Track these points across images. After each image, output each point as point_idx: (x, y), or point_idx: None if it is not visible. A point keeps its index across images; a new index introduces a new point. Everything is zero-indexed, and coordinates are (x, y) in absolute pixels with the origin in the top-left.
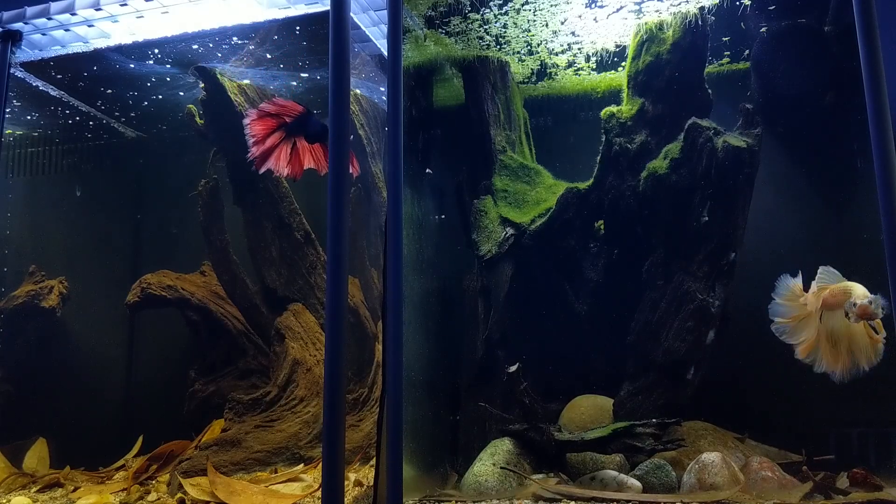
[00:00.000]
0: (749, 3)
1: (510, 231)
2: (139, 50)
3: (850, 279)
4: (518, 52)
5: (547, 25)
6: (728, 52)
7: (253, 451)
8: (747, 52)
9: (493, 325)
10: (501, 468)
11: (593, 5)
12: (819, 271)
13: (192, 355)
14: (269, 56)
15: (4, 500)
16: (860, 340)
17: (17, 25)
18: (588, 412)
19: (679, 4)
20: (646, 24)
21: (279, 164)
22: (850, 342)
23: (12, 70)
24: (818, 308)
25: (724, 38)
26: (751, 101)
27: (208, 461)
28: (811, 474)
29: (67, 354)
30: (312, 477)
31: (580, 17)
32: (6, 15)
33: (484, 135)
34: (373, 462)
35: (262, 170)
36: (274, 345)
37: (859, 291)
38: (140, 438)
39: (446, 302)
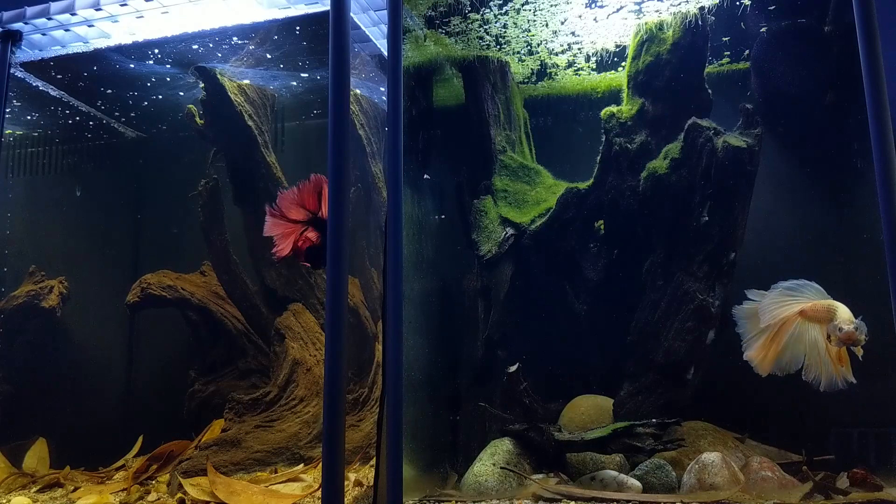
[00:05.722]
0: (749, 3)
1: (510, 231)
2: (139, 50)
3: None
4: (518, 52)
5: (547, 25)
6: (728, 52)
7: (253, 451)
8: (747, 52)
9: (493, 325)
10: (501, 468)
11: (593, 5)
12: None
13: (192, 355)
14: (269, 56)
15: (4, 500)
16: (826, 364)
17: (17, 25)
18: (588, 412)
19: (679, 4)
20: (646, 24)
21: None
22: (819, 360)
23: (12, 70)
24: (790, 318)
25: (724, 38)
26: (751, 101)
27: (208, 461)
28: (811, 474)
29: (67, 354)
30: (312, 477)
31: (580, 17)
32: (6, 15)
33: (484, 135)
34: (373, 462)
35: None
36: (274, 345)
37: (845, 315)
38: (140, 438)
39: (446, 302)
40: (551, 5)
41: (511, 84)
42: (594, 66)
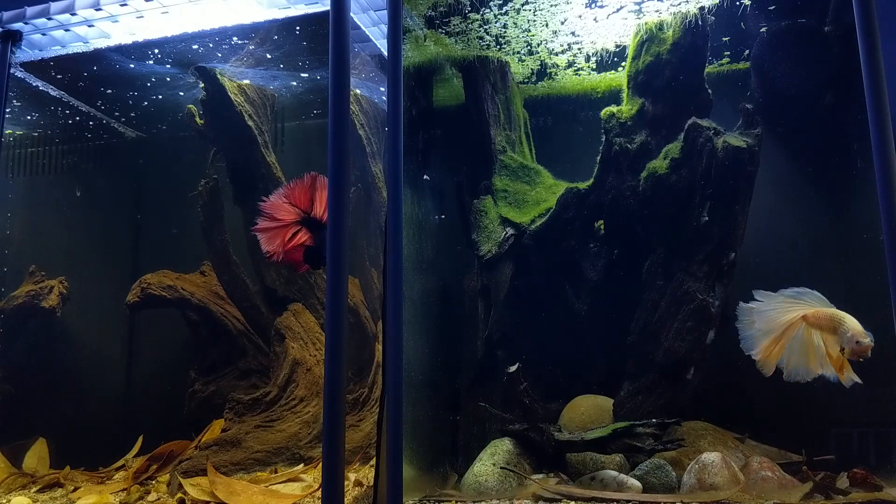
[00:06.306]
0: (749, 3)
1: (510, 231)
2: (139, 50)
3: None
4: (518, 52)
5: (547, 25)
6: (728, 52)
7: (253, 451)
8: (747, 52)
9: (493, 325)
10: (501, 468)
11: (593, 5)
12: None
13: (192, 355)
14: (269, 56)
15: (4, 500)
16: (829, 369)
17: (17, 25)
18: (588, 412)
19: (679, 4)
20: (646, 24)
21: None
22: (823, 363)
23: (12, 70)
24: (794, 322)
25: (724, 38)
26: (751, 101)
27: (208, 461)
28: (811, 474)
29: (67, 354)
30: (312, 477)
31: (580, 17)
32: (6, 15)
33: (484, 135)
34: (373, 462)
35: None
36: (274, 345)
37: (857, 327)
38: (140, 438)
39: (446, 302)
40: (551, 5)
41: (511, 84)
42: (594, 66)
